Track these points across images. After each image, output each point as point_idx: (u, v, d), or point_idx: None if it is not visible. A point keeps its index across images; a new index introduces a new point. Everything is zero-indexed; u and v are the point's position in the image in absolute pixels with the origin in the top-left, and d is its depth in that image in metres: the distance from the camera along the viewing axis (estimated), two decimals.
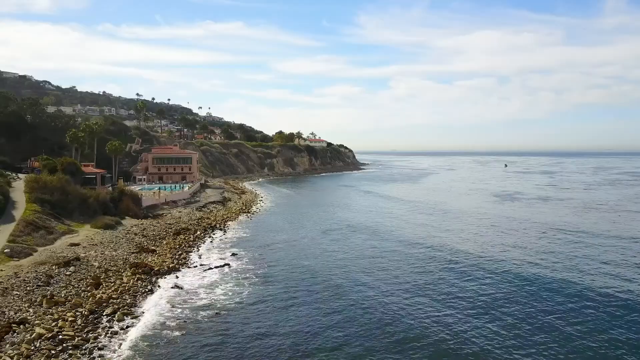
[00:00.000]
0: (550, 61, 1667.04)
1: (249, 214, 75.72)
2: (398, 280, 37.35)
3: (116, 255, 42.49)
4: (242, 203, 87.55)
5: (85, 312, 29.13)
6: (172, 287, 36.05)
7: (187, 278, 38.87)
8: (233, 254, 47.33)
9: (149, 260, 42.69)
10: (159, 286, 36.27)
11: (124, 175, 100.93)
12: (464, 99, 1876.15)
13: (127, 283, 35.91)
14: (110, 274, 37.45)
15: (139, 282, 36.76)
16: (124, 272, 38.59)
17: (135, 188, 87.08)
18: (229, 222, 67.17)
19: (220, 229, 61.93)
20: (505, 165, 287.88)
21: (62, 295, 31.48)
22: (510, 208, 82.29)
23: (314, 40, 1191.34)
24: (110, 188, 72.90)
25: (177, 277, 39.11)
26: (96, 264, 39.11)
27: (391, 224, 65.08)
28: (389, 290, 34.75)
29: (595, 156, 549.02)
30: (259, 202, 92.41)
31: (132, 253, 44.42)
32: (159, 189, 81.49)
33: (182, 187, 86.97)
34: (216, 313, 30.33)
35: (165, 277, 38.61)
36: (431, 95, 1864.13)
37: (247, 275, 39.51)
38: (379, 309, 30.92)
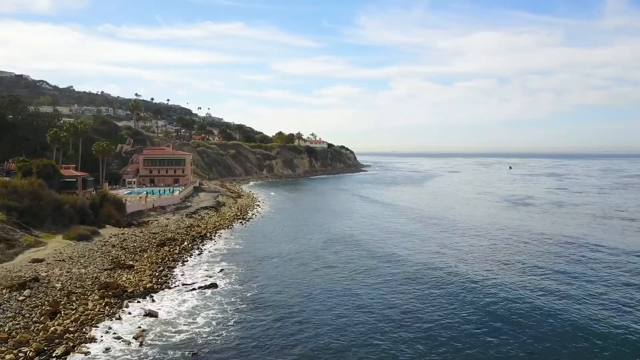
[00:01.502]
0: (550, 62, 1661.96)
1: (243, 221, 69.99)
2: (409, 318, 30.24)
3: (85, 274, 36.79)
4: (237, 208, 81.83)
5: (31, 353, 23.57)
6: (144, 315, 30.37)
7: (165, 302, 33.23)
8: (221, 270, 41.72)
9: (124, 279, 37.01)
10: (129, 313, 30.60)
11: (114, 178, 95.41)
12: (464, 99, 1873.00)
13: (91, 310, 30.25)
14: (74, 298, 31.77)
15: (107, 307, 31.13)
16: (90, 294, 32.92)
17: (123, 191, 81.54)
18: (221, 231, 61.45)
19: (211, 239, 56.28)
20: (510, 168, 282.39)
21: (7, 328, 25.80)
22: (527, 215, 76.25)
23: (314, 40, 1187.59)
24: (94, 192, 67.33)
25: (153, 300, 33.48)
26: (58, 285, 33.39)
27: (398, 238, 57.63)
28: (398, 331, 28.44)
29: (598, 158, 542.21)
30: (255, 207, 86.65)
31: (105, 270, 38.71)
32: (147, 193, 75.73)
33: (172, 191, 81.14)
34: (193, 354, 24.62)
35: (139, 301, 32.96)
36: (431, 96, 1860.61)
37: (235, 299, 33.79)
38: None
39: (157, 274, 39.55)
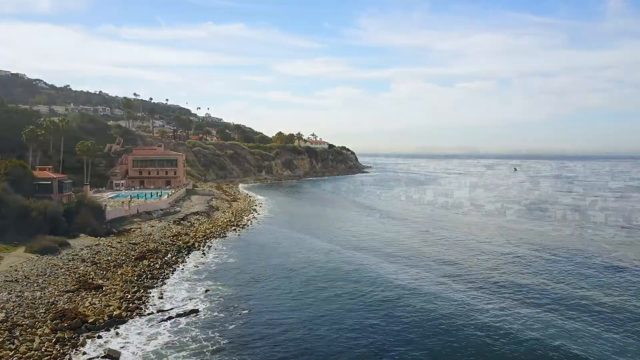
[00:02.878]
0: (552, 64, 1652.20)
1: (237, 228, 63.63)
2: None
3: (40, 298, 30.66)
4: (232, 213, 75.55)
5: None
6: (103, 357, 24.21)
7: (133, 336, 27.13)
8: (206, 291, 35.61)
9: (87, 304, 30.86)
10: (84, 354, 24.50)
11: (101, 180, 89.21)
12: (465, 101, 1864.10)
13: (35, 350, 24.18)
14: (18, 333, 25.69)
15: (57, 345, 25.04)
16: (40, 327, 26.77)
17: (108, 195, 75.44)
18: (212, 240, 55.23)
19: (199, 249, 50.08)
20: (515, 170, 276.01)
21: None
22: (549, 224, 68.76)
23: (315, 42, 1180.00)
24: (72, 196, 61.20)
25: (117, 333, 27.35)
26: (1, 315, 27.21)
27: (410, 256, 48.98)
28: None
29: (601, 160, 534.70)
30: (251, 211, 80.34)
31: (67, 292, 32.59)
32: (130, 197, 69.45)
33: (160, 195, 74.74)
34: None
35: (100, 335, 26.91)
36: (432, 97, 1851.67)
37: (215, 332, 27.67)
38: None
39: (129, 296, 33.43)
